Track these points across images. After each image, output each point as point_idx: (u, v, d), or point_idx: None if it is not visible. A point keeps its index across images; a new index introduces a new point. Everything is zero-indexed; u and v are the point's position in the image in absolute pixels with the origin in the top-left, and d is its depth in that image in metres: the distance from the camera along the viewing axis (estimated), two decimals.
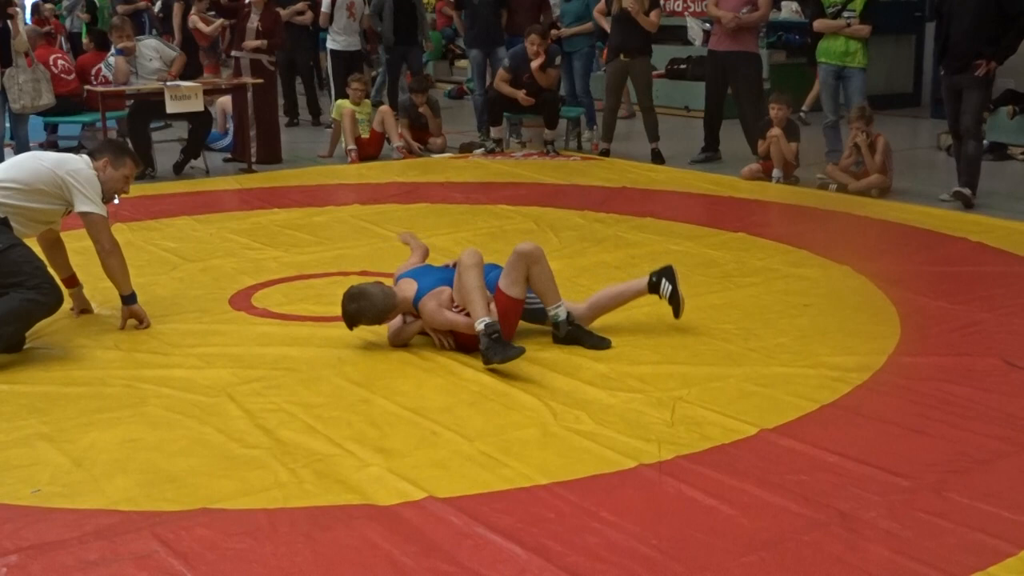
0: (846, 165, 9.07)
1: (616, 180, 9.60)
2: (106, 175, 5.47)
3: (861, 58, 9.62)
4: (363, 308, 5.11)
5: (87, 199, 5.36)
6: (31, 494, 3.72)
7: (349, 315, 5.14)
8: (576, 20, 11.85)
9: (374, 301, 5.12)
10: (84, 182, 5.36)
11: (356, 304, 5.11)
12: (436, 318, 5.10)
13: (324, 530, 3.45)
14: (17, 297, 5.07)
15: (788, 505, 3.57)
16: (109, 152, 5.58)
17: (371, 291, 5.15)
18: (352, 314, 5.13)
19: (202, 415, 4.40)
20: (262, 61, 11.13)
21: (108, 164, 5.49)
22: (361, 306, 5.11)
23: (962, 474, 3.80)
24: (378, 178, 9.85)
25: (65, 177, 5.33)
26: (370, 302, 5.11)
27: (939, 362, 4.91)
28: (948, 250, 7.03)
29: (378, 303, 5.12)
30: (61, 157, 5.61)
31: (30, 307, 5.11)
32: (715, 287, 6.16)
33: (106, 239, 5.47)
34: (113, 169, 5.50)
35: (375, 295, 5.13)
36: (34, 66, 9.54)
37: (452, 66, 19.46)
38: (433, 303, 5.12)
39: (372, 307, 5.11)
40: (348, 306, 5.13)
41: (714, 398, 4.50)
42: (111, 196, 5.63)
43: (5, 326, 5.04)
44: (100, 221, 5.44)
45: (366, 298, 5.12)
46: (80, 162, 5.46)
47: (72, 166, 5.40)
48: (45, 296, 5.16)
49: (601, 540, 3.36)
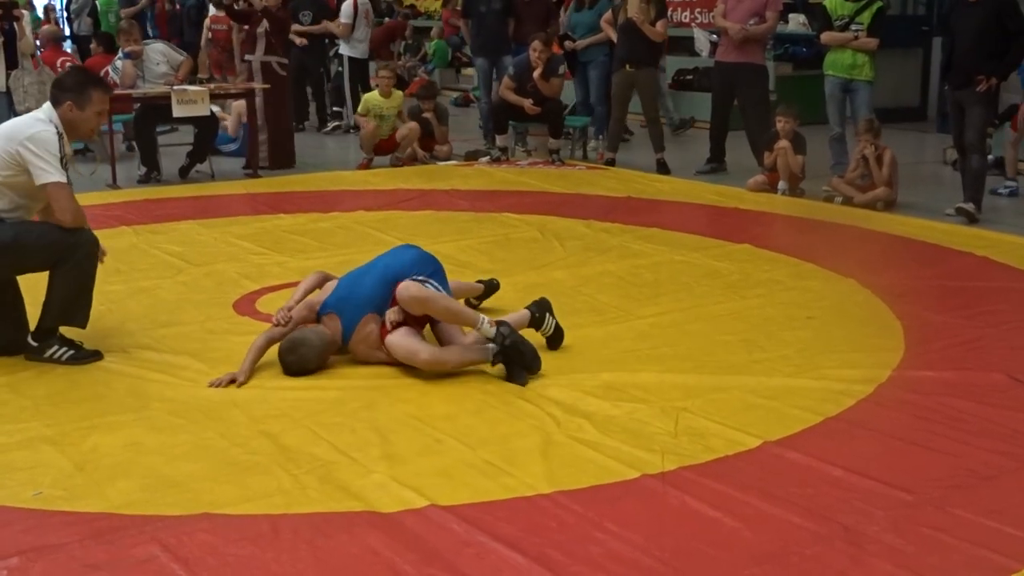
0: (852, 178, 9.06)
1: (621, 190, 9.60)
2: (73, 117, 5.05)
3: (868, 71, 9.63)
4: (305, 356, 4.87)
5: (44, 170, 4.91)
6: (33, 497, 3.71)
7: (292, 368, 4.86)
8: (589, 31, 11.86)
9: (312, 345, 4.88)
10: (39, 150, 4.91)
11: (295, 355, 4.87)
12: (398, 354, 4.88)
13: (326, 537, 3.44)
14: (66, 276, 4.97)
15: (791, 518, 3.55)
16: (71, 93, 5.05)
17: (308, 337, 4.92)
18: (294, 365, 4.86)
19: (205, 420, 4.40)
20: (272, 65, 11.15)
21: (72, 107, 5.03)
22: (302, 355, 4.87)
23: (966, 489, 3.78)
24: (384, 185, 9.85)
25: (20, 150, 4.90)
26: (309, 347, 4.88)
27: (943, 377, 4.90)
28: (953, 264, 7.02)
29: (317, 346, 4.89)
30: (13, 126, 5.13)
31: (81, 277, 5.03)
32: (719, 298, 6.16)
33: (69, 209, 5.04)
34: (79, 110, 5.04)
35: (311, 340, 4.90)
36: (40, 68, 9.56)
37: (458, 74, 19.50)
38: (363, 347, 4.95)
39: (312, 351, 4.88)
40: (287, 359, 4.86)
41: (718, 409, 4.49)
42: (89, 136, 5.37)
43: (79, 311, 5.02)
44: (60, 190, 5.00)
45: (305, 345, 4.88)
46: (36, 124, 5.00)
47: (26, 132, 4.95)
48: (84, 254, 5.01)
49: (603, 550, 3.35)
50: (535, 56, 10.69)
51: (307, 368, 4.90)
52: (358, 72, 13.50)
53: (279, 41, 11.31)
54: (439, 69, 18.98)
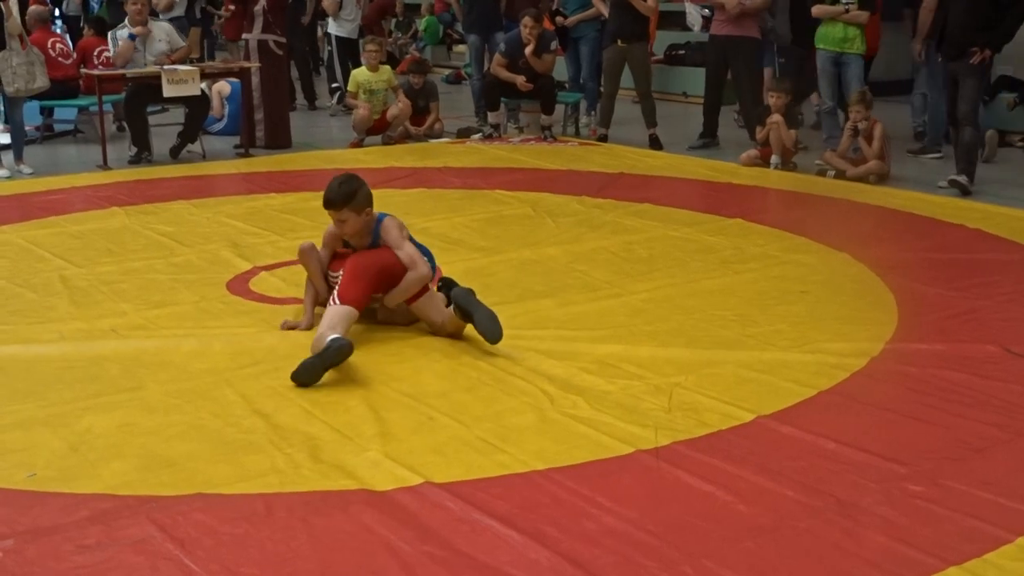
0: (844, 151, 9.06)
1: (614, 166, 9.59)
2: None
3: (859, 44, 9.62)
4: (361, 188, 5.12)
5: None
6: (27, 478, 3.71)
7: (345, 193, 5.08)
8: (580, 7, 11.82)
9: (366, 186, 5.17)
10: None
11: (354, 184, 5.11)
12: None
13: (321, 515, 3.44)
14: None
15: (785, 492, 3.56)
16: None
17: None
18: (349, 193, 5.08)
19: (199, 400, 4.39)
20: (270, 44, 11.11)
21: None
22: (356, 186, 5.11)
23: (959, 461, 3.80)
24: (376, 163, 9.82)
25: None
26: (364, 184, 5.16)
27: (936, 349, 4.90)
28: (946, 237, 7.02)
29: (368, 190, 5.16)
30: None
31: None
32: (713, 273, 6.16)
33: None
34: None
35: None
36: (28, 49, 9.49)
37: (450, 51, 19.44)
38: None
39: (365, 189, 5.15)
40: (346, 185, 5.10)
41: (711, 384, 4.49)
42: None
43: None
44: None
45: (359, 181, 5.15)
46: None
47: None
48: None
49: (598, 526, 3.36)
50: (526, 32, 10.65)
51: (352, 198, 5.07)
52: (347, 51, 13.44)
53: (277, 20, 11.25)
54: (430, 46, 18.91)
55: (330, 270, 5.35)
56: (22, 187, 8.83)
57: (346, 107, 12.31)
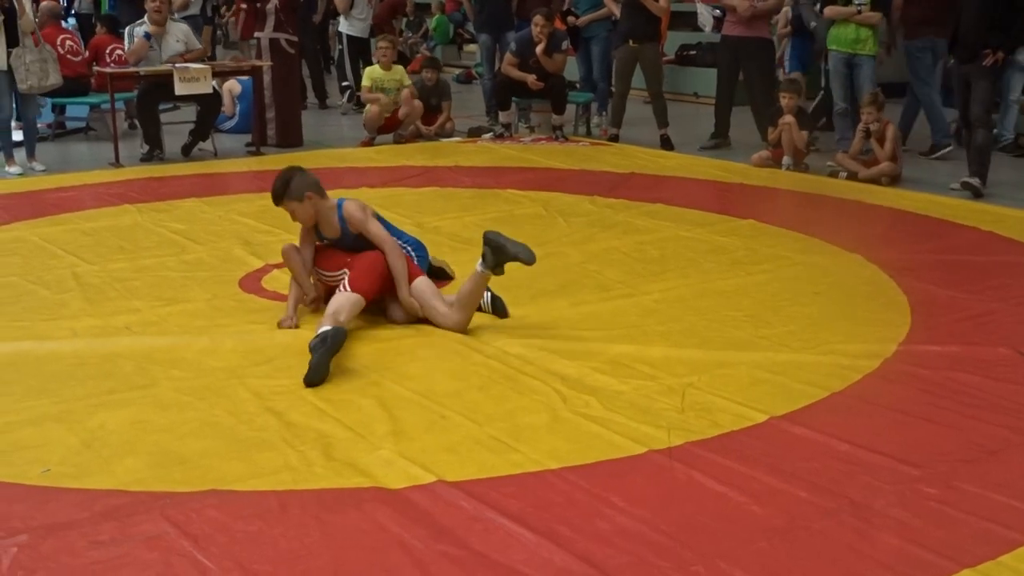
0: (856, 152, 9.04)
1: (625, 166, 9.58)
2: None
3: (872, 46, 9.61)
4: (294, 177, 5.34)
5: None
6: (41, 474, 3.72)
7: (279, 187, 5.33)
8: (591, 7, 11.81)
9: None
10: None
11: (286, 175, 5.35)
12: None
13: (334, 513, 3.45)
14: None
15: (798, 493, 3.56)
16: None
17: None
18: (283, 185, 5.32)
19: (212, 397, 4.40)
20: (281, 43, 11.12)
21: None
22: (288, 177, 5.34)
23: (972, 463, 3.79)
24: (387, 162, 9.83)
25: None
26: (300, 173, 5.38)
27: (949, 351, 4.89)
28: (959, 239, 7.01)
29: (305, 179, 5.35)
30: None
31: None
32: (725, 274, 6.15)
33: None
34: None
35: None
36: (41, 46, 9.50)
37: (461, 51, 19.44)
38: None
39: (301, 177, 5.35)
40: (280, 179, 5.34)
41: (724, 385, 4.49)
42: None
43: None
44: None
45: (294, 171, 5.39)
46: None
47: None
48: None
49: (611, 525, 3.36)
50: (537, 31, 10.65)
51: (287, 188, 5.31)
52: (357, 50, 13.44)
53: (289, 18, 11.26)
54: (441, 46, 18.92)
55: (320, 268, 5.43)
56: (34, 184, 8.85)
57: (358, 104, 12.32)
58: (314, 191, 5.34)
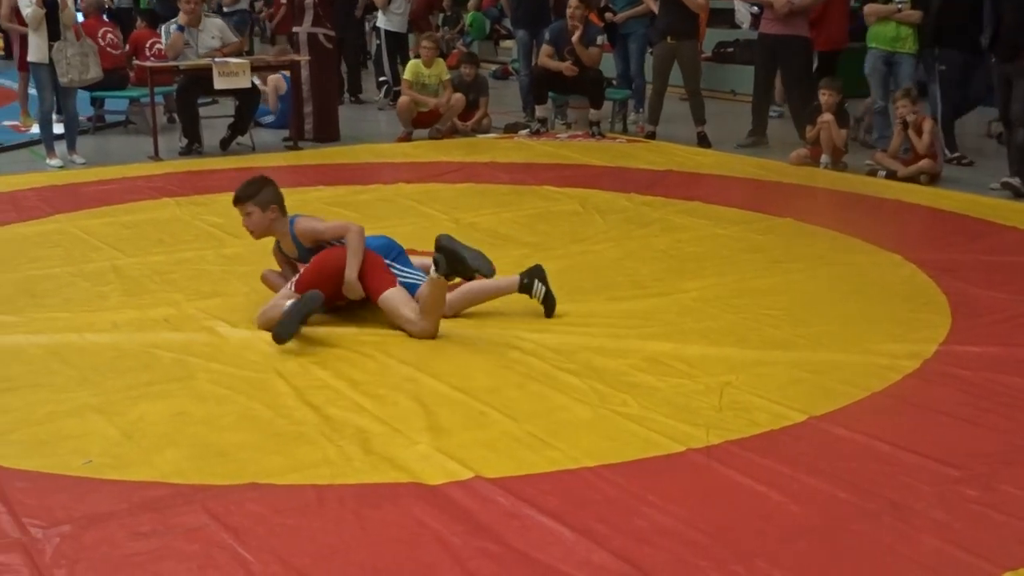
0: (895, 151, 8.97)
1: (662, 163, 9.55)
2: None
3: (912, 44, 9.54)
4: (266, 187, 5.37)
5: None
6: (82, 465, 3.75)
7: (248, 189, 5.38)
8: (629, 3, 11.79)
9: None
10: None
11: (260, 183, 5.39)
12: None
13: (372, 507, 3.46)
14: None
15: (838, 493, 3.54)
16: None
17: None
18: (253, 190, 5.37)
19: (250, 390, 4.43)
20: (319, 37, 11.16)
21: None
22: (261, 185, 5.37)
23: (1013, 465, 3.76)
24: (424, 157, 9.85)
25: None
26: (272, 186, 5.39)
27: (990, 352, 4.85)
28: (999, 239, 6.94)
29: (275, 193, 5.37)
30: None
31: None
32: (762, 272, 6.12)
33: None
34: None
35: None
36: (82, 39, 9.58)
37: (497, 47, 19.43)
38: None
39: (272, 190, 5.36)
40: (253, 184, 5.39)
41: (762, 384, 4.47)
42: None
43: None
44: None
45: (267, 182, 5.40)
46: None
47: None
48: None
49: (648, 523, 3.35)
50: (571, 12, 10.62)
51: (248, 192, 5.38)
52: (395, 45, 13.49)
53: (327, 13, 11.30)
54: (477, 41, 18.93)
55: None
56: (75, 177, 8.93)
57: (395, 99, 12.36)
58: (278, 205, 5.38)
